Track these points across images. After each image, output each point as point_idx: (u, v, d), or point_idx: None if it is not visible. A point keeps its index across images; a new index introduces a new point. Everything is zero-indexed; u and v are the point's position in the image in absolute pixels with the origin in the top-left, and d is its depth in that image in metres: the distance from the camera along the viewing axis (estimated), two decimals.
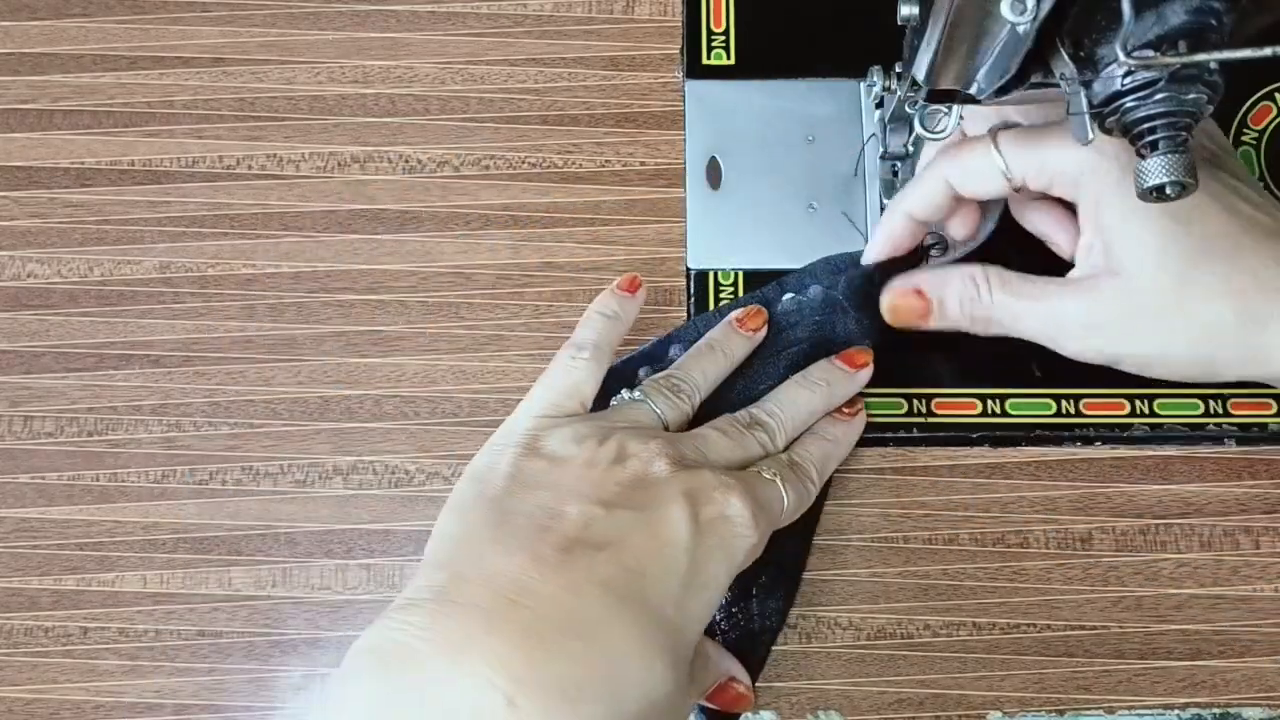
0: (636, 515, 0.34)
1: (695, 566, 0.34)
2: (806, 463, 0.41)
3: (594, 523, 0.34)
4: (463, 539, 0.35)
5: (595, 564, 0.33)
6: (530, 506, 0.35)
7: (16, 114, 0.50)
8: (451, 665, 0.30)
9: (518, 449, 0.37)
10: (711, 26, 0.50)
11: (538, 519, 0.34)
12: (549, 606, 0.32)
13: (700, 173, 0.49)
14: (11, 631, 0.45)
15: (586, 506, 0.34)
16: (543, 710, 0.30)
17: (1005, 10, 0.32)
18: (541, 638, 0.31)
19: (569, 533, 0.34)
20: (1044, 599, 0.44)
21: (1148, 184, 0.33)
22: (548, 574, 0.32)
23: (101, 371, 0.47)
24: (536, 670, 0.30)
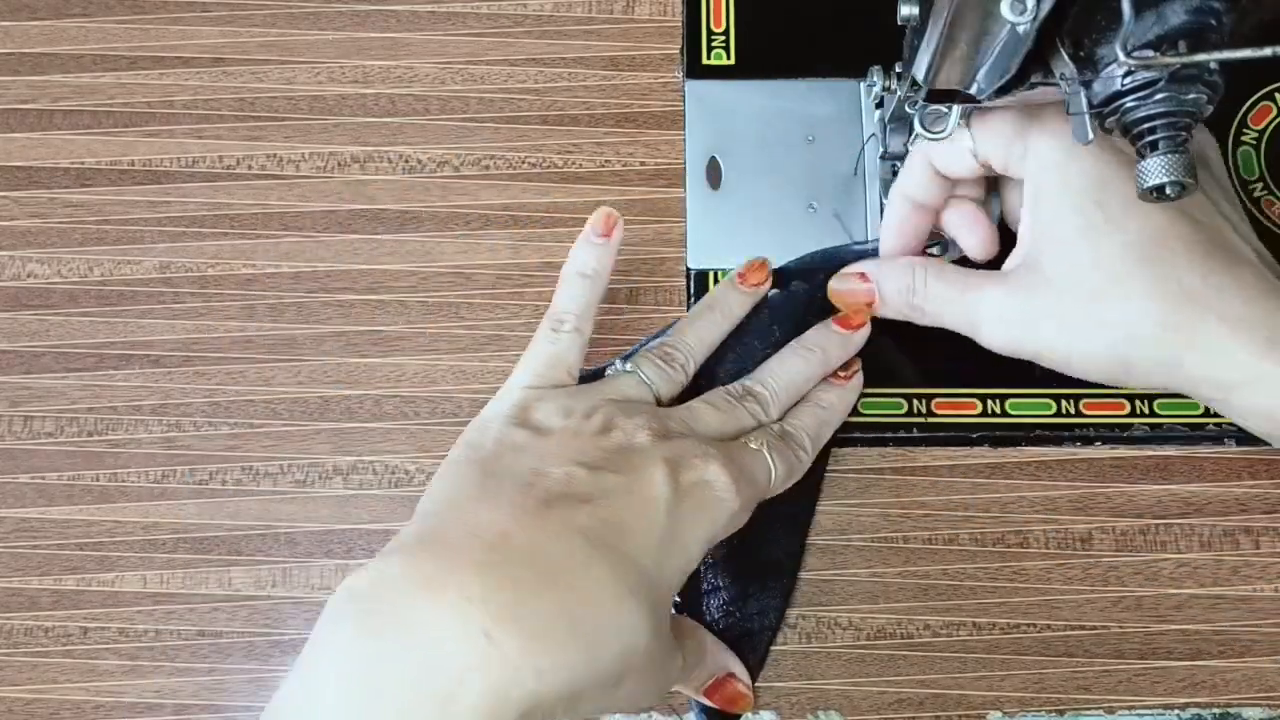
0: (619, 477, 0.35)
1: (674, 526, 0.35)
2: (799, 432, 0.41)
3: (576, 481, 0.35)
4: (449, 496, 0.36)
5: (575, 515, 0.33)
6: (516, 469, 0.36)
7: (16, 114, 0.50)
8: (431, 600, 0.30)
9: (506, 419, 0.38)
10: (711, 26, 0.50)
11: (522, 478, 0.35)
12: (528, 551, 0.32)
13: (700, 173, 0.49)
14: (11, 631, 0.45)
15: (570, 467, 0.35)
16: (519, 646, 0.30)
17: (1005, 10, 0.32)
18: (519, 579, 0.31)
19: (552, 489, 0.34)
20: (1044, 599, 0.44)
21: (1148, 184, 0.33)
22: (528, 522, 0.33)
23: (101, 371, 0.47)
24: (513, 608, 0.30)
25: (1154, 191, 0.33)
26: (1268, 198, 0.48)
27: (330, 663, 0.31)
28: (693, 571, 0.37)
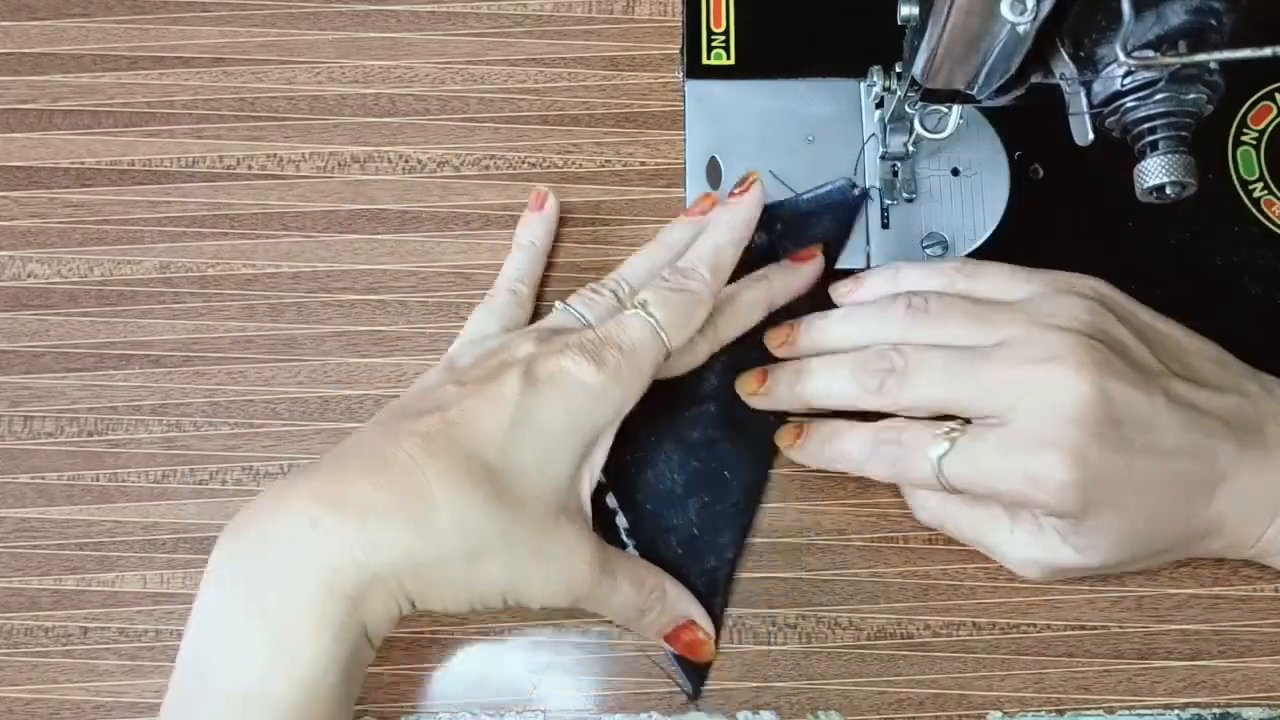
0: (478, 385, 0.38)
1: (523, 415, 0.37)
2: (689, 263, 0.42)
3: (443, 397, 0.38)
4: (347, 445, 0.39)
5: (420, 423, 0.37)
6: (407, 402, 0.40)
7: (17, 114, 0.50)
8: (274, 508, 0.35)
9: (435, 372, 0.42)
10: (711, 26, 0.50)
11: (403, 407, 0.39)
12: (366, 451, 0.37)
13: (700, 173, 0.49)
14: (12, 631, 0.45)
15: (446, 388, 0.39)
16: (340, 523, 0.34)
17: (1005, 10, 0.32)
18: (349, 470, 0.36)
19: (417, 407, 0.38)
20: (1044, 599, 0.44)
21: (1147, 184, 0.33)
22: (376, 433, 0.38)
23: (102, 371, 0.47)
24: (341, 496, 0.35)
25: (1153, 191, 0.33)
26: (1268, 198, 0.48)
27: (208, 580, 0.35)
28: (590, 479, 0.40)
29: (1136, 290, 0.47)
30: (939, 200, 0.48)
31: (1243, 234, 0.48)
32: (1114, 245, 0.48)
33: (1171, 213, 0.45)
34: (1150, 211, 0.38)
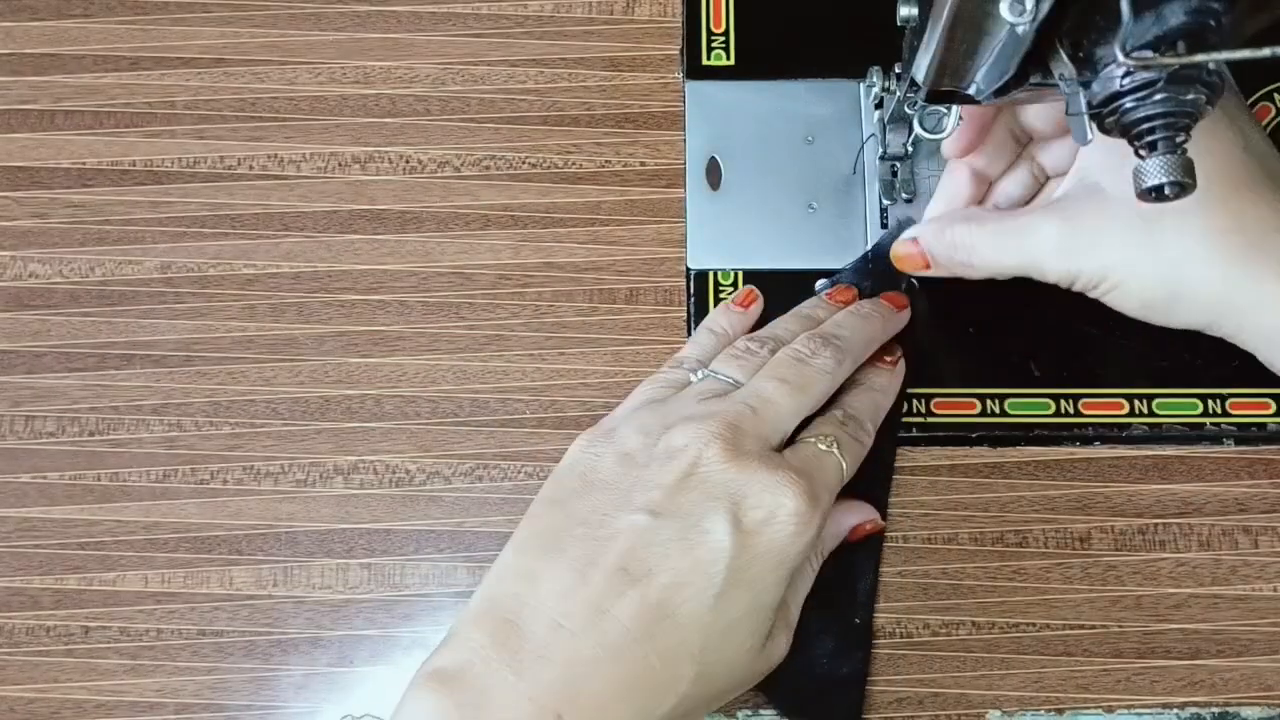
0: (679, 527, 0.37)
1: (735, 577, 0.37)
2: (861, 415, 0.42)
3: (637, 542, 0.37)
4: (526, 549, 0.38)
5: (630, 598, 0.36)
6: (586, 514, 0.38)
7: (18, 114, 0.50)
8: (508, 687, 0.35)
9: (594, 450, 0.40)
10: (711, 27, 0.50)
11: (589, 539, 0.37)
12: (589, 636, 0.36)
13: (700, 173, 0.49)
14: (13, 631, 0.45)
15: (633, 516, 0.37)
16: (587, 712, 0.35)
17: (1004, 11, 0.32)
18: (582, 663, 0.35)
19: (611, 562, 0.36)
20: (1043, 598, 0.45)
21: (1146, 184, 0.33)
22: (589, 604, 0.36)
23: (103, 371, 0.47)
24: (577, 690, 0.35)
25: (1152, 192, 0.33)
26: None
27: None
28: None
29: None
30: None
31: None
32: None
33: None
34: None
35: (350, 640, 0.45)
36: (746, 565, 0.37)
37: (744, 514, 0.37)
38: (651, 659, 0.36)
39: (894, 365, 0.44)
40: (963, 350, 0.46)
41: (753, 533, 0.37)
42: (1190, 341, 0.47)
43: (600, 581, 0.36)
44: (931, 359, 0.46)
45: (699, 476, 0.37)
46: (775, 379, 0.40)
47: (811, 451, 0.39)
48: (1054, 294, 0.47)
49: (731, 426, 0.38)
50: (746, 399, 0.40)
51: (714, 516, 0.37)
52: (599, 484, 0.39)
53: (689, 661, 0.36)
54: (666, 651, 0.36)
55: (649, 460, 0.38)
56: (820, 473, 0.39)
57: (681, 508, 0.37)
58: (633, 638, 0.36)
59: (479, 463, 0.46)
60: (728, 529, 0.37)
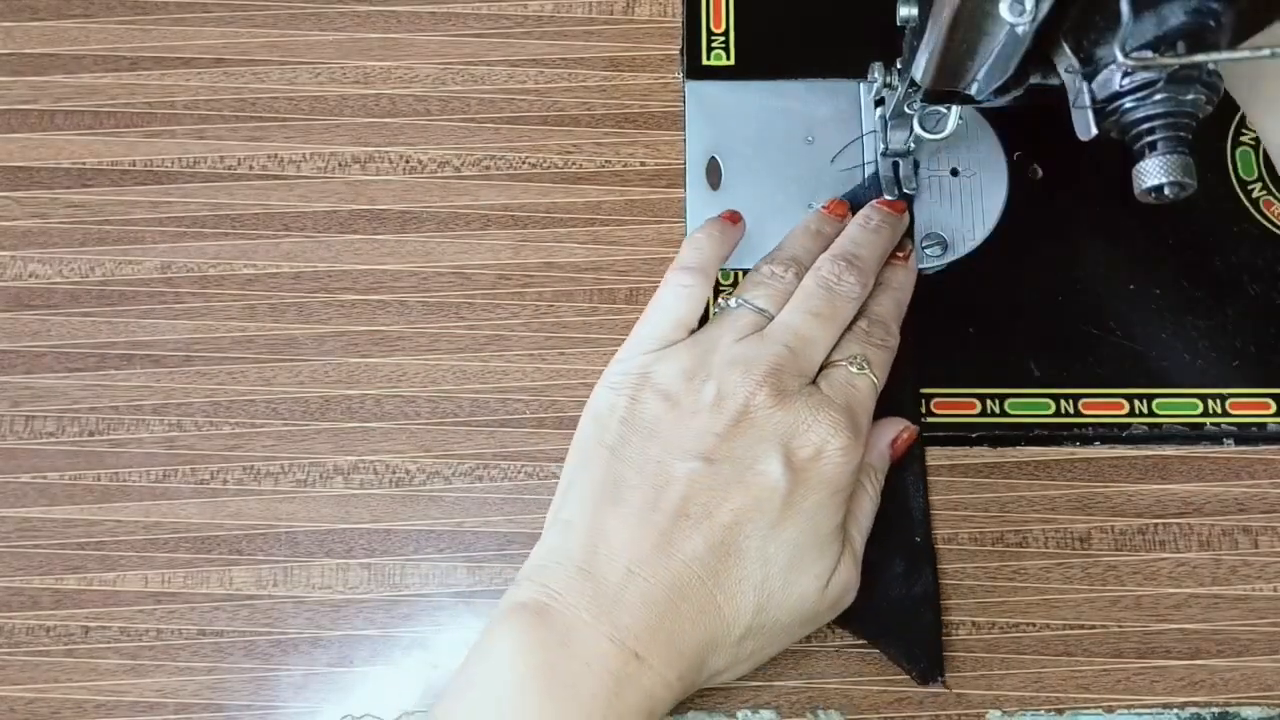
0: (734, 469, 0.39)
1: (790, 508, 0.39)
2: (885, 318, 0.44)
3: (695, 487, 0.39)
4: (587, 499, 0.40)
5: (694, 540, 0.38)
6: (641, 462, 0.40)
7: (18, 114, 0.50)
8: (588, 627, 0.37)
9: (630, 391, 0.41)
10: (711, 27, 0.50)
11: (648, 486, 0.39)
12: (660, 578, 0.38)
13: (700, 173, 0.49)
14: (13, 631, 0.45)
15: (689, 464, 0.39)
16: (664, 659, 0.37)
17: (1004, 11, 0.32)
18: (655, 604, 0.37)
19: (673, 507, 0.39)
20: (1043, 598, 0.45)
21: (1146, 184, 0.33)
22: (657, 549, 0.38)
23: (103, 371, 0.47)
24: (654, 632, 0.37)
25: (1152, 192, 0.33)
26: (1266, 198, 0.48)
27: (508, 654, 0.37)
28: None
29: (1136, 291, 0.47)
30: (938, 200, 0.48)
31: (1242, 234, 0.48)
32: (1113, 246, 0.48)
33: (1170, 213, 0.46)
34: (1149, 212, 0.38)
35: (350, 640, 0.45)
36: (801, 497, 0.39)
37: (794, 451, 0.39)
38: (716, 595, 0.38)
39: (907, 260, 0.46)
40: (963, 350, 0.46)
41: (803, 468, 0.39)
42: (1190, 341, 0.47)
43: (665, 526, 0.38)
44: (931, 359, 0.46)
45: (749, 421, 0.39)
46: (808, 312, 0.42)
47: (844, 377, 0.41)
48: (1054, 294, 0.48)
49: (775, 371, 0.40)
50: (783, 339, 0.41)
51: (767, 457, 0.39)
52: (647, 430, 0.40)
53: (751, 591, 0.38)
54: (729, 585, 0.38)
55: (697, 407, 0.40)
56: (856, 399, 0.41)
57: (735, 452, 0.39)
58: (699, 577, 0.38)
59: (479, 463, 0.46)
60: (781, 467, 0.39)
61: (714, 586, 0.38)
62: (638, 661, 0.37)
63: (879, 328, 0.43)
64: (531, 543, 0.44)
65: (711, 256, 0.44)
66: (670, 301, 0.43)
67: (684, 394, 0.40)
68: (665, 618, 0.37)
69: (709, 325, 0.43)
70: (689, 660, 0.38)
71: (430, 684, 0.44)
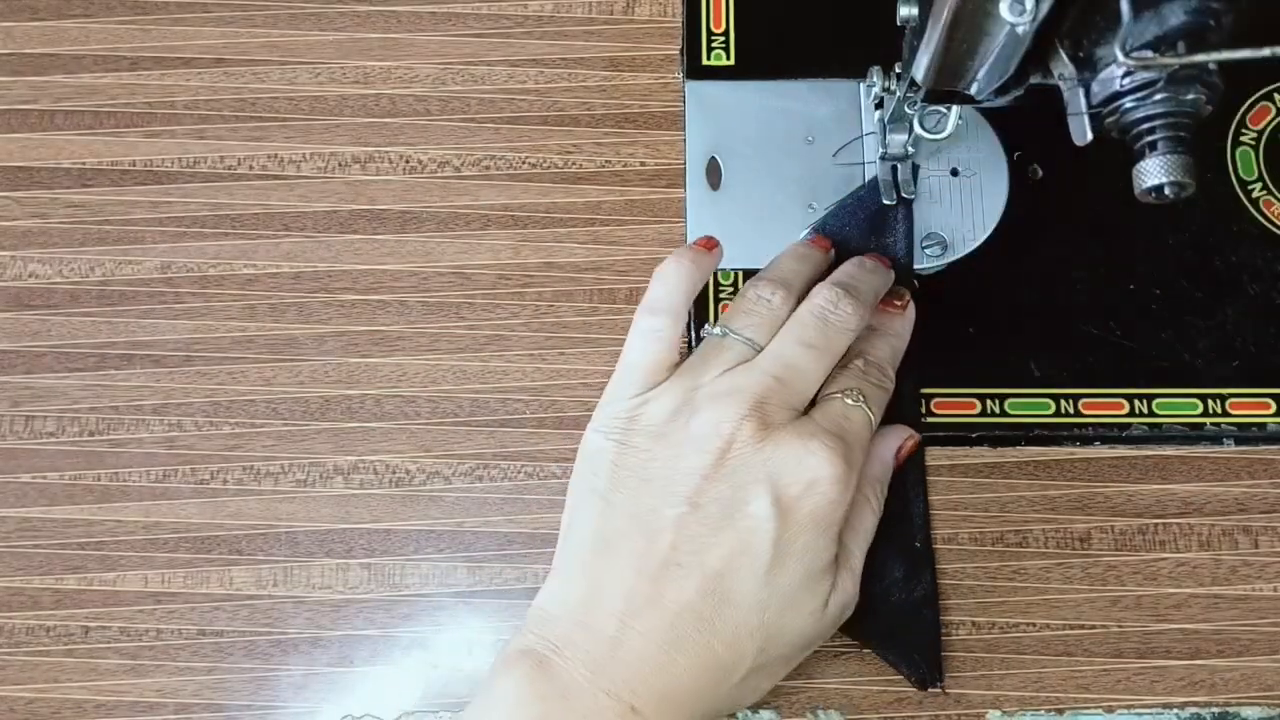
0: (722, 512, 0.38)
1: (781, 550, 0.38)
2: (882, 361, 0.43)
3: (683, 534, 0.38)
4: (584, 548, 0.39)
5: (685, 588, 0.37)
6: (633, 510, 0.39)
7: (18, 114, 0.50)
8: (586, 682, 0.37)
9: (620, 435, 0.40)
10: (711, 27, 0.50)
11: (639, 534, 0.38)
12: (654, 631, 0.37)
13: (700, 173, 0.49)
14: (13, 631, 0.45)
15: (677, 509, 0.38)
16: (660, 712, 0.37)
17: (1004, 11, 0.32)
18: (650, 659, 0.37)
19: (663, 556, 0.38)
20: (1043, 598, 0.45)
21: (1146, 184, 0.33)
22: (650, 601, 0.37)
23: (103, 371, 0.47)
24: (650, 685, 0.37)
25: (1152, 192, 0.33)
26: (1266, 198, 0.48)
27: (509, 704, 0.37)
28: None
29: (1135, 291, 0.47)
30: (938, 200, 0.48)
31: (1242, 234, 0.48)
32: (1113, 246, 0.48)
33: (1170, 213, 0.46)
34: (1149, 212, 0.38)
35: (350, 640, 0.45)
36: (792, 538, 0.38)
37: (783, 490, 0.38)
38: (714, 643, 0.37)
39: (904, 309, 0.45)
40: (963, 350, 0.46)
41: (793, 507, 0.38)
42: (1190, 341, 0.47)
43: (657, 576, 0.38)
44: (932, 359, 0.46)
45: (734, 458, 0.38)
46: (799, 342, 0.40)
47: (839, 409, 0.40)
48: (1054, 294, 0.48)
49: (759, 403, 0.39)
50: (771, 370, 0.40)
51: (754, 498, 0.38)
52: (637, 476, 0.39)
53: (749, 638, 0.38)
54: (726, 634, 0.37)
55: (683, 446, 0.39)
56: (851, 431, 0.40)
57: (722, 494, 0.38)
58: (694, 627, 0.37)
59: (479, 463, 0.46)
60: (769, 508, 0.38)
61: (710, 635, 0.37)
62: (634, 715, 0.36)
63: (875, 369, 0.42)
64: (532, 543, 0.44)
65: (680, 292, 0.41)
66: (640, 347, 0.41)
67: (671, 433, 0.39)
68: (662, 671, 0.37)
69: (694, 356, 0.41)
70: (687, 710, 0.37)
71: (430, 684, 0.44)
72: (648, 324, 0.41)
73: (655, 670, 0.37)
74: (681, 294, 0.41)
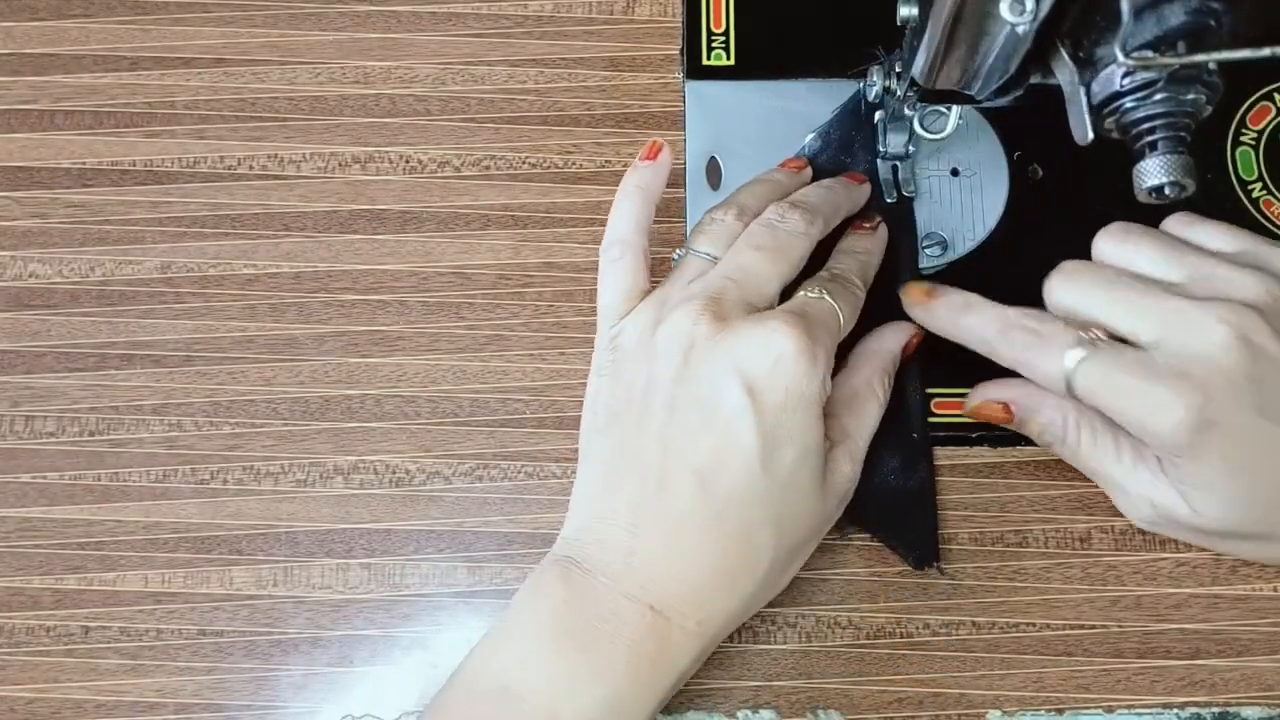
0: (699, 412, 0.38)
1: (767, 436, 0.38)
2: (847, 273, 0.43)
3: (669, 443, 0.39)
4: (595, 484, 0.41)
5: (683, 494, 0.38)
6: (626, 436, 0.40)
7: (18, 114, 0.50)
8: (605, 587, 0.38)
9: (610, 370, 0.41)
10: (711, 27, 0.50)
11: (635, 458, 0.39)
12: (662, 539, 0.38)
13: (700, 173, 0.49)
14: (13, 631, 0.45)
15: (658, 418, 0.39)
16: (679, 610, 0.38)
17: (1004, 11, 0.32)
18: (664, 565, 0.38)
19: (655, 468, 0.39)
20: (1043, 598, 0.45)
21: (1146, 184, 0.33)
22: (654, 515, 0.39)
23: (103, 371, 0.47)
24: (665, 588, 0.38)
25: (1152, 192, 0.33)
26: (1266, 198, 0.48)
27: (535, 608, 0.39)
28: None
29: None
30: (938, 200, 0.48)
31: None
32: None
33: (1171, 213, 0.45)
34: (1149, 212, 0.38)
35: (350, 640, 0.45)
36: (774, 422, 0.38)
37: (751, 376, 0.38)
38: (724, 542, 0.38)
39: (874, 229, 0.45)
40: (963, 350, 0.46)
41: (764, 389, 0.38)
42: None
43: (653, 489, 0.39)
44: (932, 359, 0.46)
45: (696, 356, 0.39)
46: (751, 247, 0.41)
47: (799, 300, 0.41)
48: None
49: (714, 300, 0.39)
50: (725, 272, 0.41)
51: (724, 389, 0.38)
52: (625, 402, 0.40)
53: (761, 528, 0.38)
54: (738, 530, 0.38)
55: (652, 358, 0.40)
56: (812, 311, 0.40)
57: (692, 392, 0.39)
58: (701, 529, 0.38)
59: (479, 463, 0.46)
60: (740, 396, 0.38)
61: (720, 534, 0.38)
62: (653, 614, 0.38)
63: (840, 279, 0.42)
64: (532, 543, 0.44)
65: (630, 219, 0.42)
66: (607, 279, 0.42)
67: (642, 350, 0.40)
68: (676, 575, 0.38)
69: (664, 281, 0.43)
70: (709, 607, 0.38)
71: (430, 684, 0.44)
72: (607, 258, 0.42)
73: (669, 575, 0.38)
74: (632, 221, 0.42)
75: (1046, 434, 0.43)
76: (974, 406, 0.44)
